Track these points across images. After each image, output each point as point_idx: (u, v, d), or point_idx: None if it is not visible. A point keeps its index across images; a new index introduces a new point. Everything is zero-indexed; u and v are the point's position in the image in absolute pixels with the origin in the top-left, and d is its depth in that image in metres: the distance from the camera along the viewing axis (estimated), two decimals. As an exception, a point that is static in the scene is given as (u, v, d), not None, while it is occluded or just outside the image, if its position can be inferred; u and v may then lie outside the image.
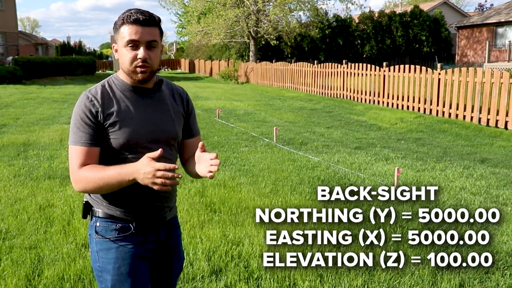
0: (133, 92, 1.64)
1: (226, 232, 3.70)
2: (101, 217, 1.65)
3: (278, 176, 5.37)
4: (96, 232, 1.65)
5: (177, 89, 1.79)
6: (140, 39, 1.56)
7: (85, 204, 1.69)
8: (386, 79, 12.63)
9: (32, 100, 14.04)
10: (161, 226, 1.72)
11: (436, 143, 8.10)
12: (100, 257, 1.64)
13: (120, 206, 1.64)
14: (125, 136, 1.58)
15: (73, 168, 1.56)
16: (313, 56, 30.13)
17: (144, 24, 1.56)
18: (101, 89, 1.62)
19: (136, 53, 1.56)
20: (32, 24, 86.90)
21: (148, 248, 1.68)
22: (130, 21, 1.56)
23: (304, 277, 2.98)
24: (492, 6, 44.45)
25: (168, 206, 1.74)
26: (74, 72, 27.30)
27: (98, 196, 1.65)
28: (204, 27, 27.03)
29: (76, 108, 1.59)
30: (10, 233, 3.68)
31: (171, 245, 1.78)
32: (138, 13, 1.57)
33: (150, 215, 1.68)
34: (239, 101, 14.29)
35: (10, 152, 6.64)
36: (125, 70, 1.61)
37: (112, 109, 1.58)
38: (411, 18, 31.78)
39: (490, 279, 3.00)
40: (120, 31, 1.58)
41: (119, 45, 1.60)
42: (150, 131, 1.62)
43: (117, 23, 1.60)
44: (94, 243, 1.65)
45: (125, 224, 1.64)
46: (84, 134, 1.55)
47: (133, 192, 1.61)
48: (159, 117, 1.66)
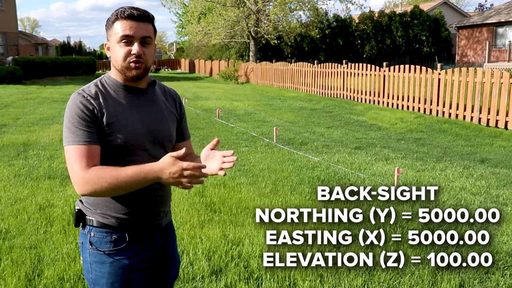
0: (127, 92, 1.58)
1: (226, 232, 3.70)
2: (95, 226, 1.58)
3: (278, 176, 5.37)
4: (90, 243, 1.58)
5: (169, 91, 1.75)
6: (134, 34, 1.51)
7: (77, 212, 1.61)
8: (386, 79, 12.63)
9: (32, 100, 14.04)
10: (157, 233, 1.67)
11: (436, 143, 8.09)
12: (94, 269, 1.58)
13: (115, 214, 1.57)
14: (123, 137, 1.52)
15: (78, 170, 1.46)
16: (313, 56, 30.13)
17: (139, 20, 1.52)
18: (95, 88, 1.55)
19: (130, 48, 1.52)
20: (32, 24, 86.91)
21: (144, 257, 1.62)
22: (124, 16, 1.51)
23: (304, 277, 2.98)
24: (492, 6, 44.44)
25: (164, 211, 1.69)
26: (74, 72, 27.31)
27: (91, 204, 1.59)
28: (204, 27, 27.04)
29: (70, 107, 1.51)
30: (10, 233, 3.68)
31: (167, 250, 1.73)
32: (132, 9, 1.53)
33: (146, 222, 1.62)
34: (239, 101, 14.29)
35: (10, 152, 6.64)
36: (118, 67, 1.55)
37: (107, 109, 1.51)
38: (411, 18, 31.79)
39: (490, 279, 3.00)
40: (113, 27, 1.53)
41: (111, 41, 1.55)
42: (147, 132, 1.57)
43: (110, 19, 1.55)
44: (88, 253, 1.59)
45: (120, 235, 1.58)
46: (84, 132, 1.47)
47: (128, 199, 1.56)
48: (154, 118, 1.61)
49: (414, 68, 11.59)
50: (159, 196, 1.65)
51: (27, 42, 39.97)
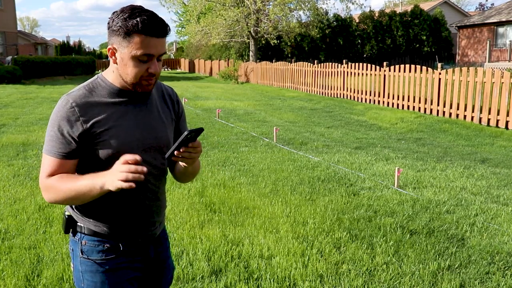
0: (121, 97, 1.47)
1: (226, 232, 3.69)
2: (87, 234, 1.52)
3: (278, 176, 5.35)
4: (81, 251, 1.52)
5: (166, 90, 1.63)
6: (155, 53, 1.39)
7: (68, 218, 1.55)
8: (387, 79, 12.62)
9: (32, 100, 14.03)
10: (150, 243, 1.62)
11: (436, 143, 8.08)
12: (85, 279, 1.53)
13: (107, 222, 1.51)
14: (115, 145, 1.42)
15: (41, 177, 1.42)
16: (313, 55, 30.14)
17: (160, 36, 1.39)
18: (85, 93, 1.44)
19: (147, 66, 1.40)
20: (31, 23, 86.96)
21: (136, 266, 1.57)
22: (147, 31, 1.36)
23: (304, 277, 2.97)
24: (493, 5, 44.43)
25: (158, 220, 1.63)
26: (73, 71, 27.32)
27: (82, 210, 1.52)
28: (204, 27, 27.03)
29: (54, 114, 1.42)
30: (9, 233, 3.67)
31: (161, 259, 1.68)
32: (154, 22, 1.36)
33: (140, 232, 1.56)
34: (239, 101, 14.28)
35: (9, 152, 6.63)
36: (127, 81, 1.43)
37: (97, 116, 1.42)
38: (412, 17, 31.80)
39: (491, 279, 2.98)
40: (130, 39, 1.36)
41: (124, 52, 1.39)
42: (141, 139, 1.48)
43: (125, 26, 1.36)
44: (79, 262, 1.53)
45: (112, 243, 1.52)
46: (58, 145, 1.40)
47: (122, 208, 1.51)
48: (150, 123, 1.51)
49: (414, 67, 11.58)
50: (155, 207, 1.59)
51: (26, 41, 39.97)
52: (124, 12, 1.38)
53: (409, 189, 4.91)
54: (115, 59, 1.43)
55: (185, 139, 1.35)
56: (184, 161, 1.44)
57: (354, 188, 4.92)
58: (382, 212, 4.18)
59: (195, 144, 1.39)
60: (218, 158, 6.25)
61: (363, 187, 4.95)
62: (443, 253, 3.34)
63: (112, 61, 1.45)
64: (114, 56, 1.43)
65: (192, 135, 1.36)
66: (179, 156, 1.39)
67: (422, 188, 4.95)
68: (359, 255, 3.28)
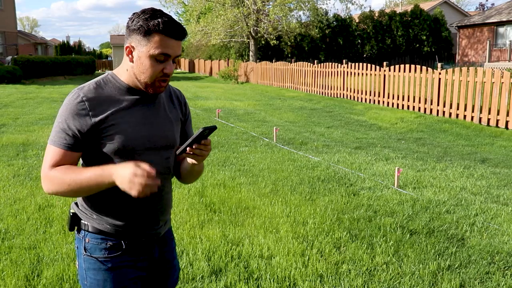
0: (131, 94, 1.50)
1: (226, 232, 3.69)
2: (90, 231, 1.52)
3: (278, 176, 5.35)
4: (85, 248, 1.53)
5: (174, 91, 1.66)
6: (172, 54, 1.44)
7: (72, 216, 1.56)
8: (387, 79, 12.62)
9: (32, 99, 14.03)
10: (155, 242, 1.61)
11: (436, 143, 8.08)
12: (89, 277, 1.53)
13: (112, 221, 1.51)
14: (120, 141, 1.45)
15: (44, 168, 1.44)
16: (313, 55, 30.13)
17: (179, 38, 1.45)
18: (95, 88, 1.47)
19: (163, 66, 1.44)
20: (31, 23, 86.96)
21: (140, 266, 1.57)
22: (168, 32, 1.41)
23: (304, 277, 2.97)
24: (493, 5, 44.42)
25: (163, 219, 1.63)
26: (73, 71, 27.33)
27: (87, 208, 1.54)
28: (204, 27, 27.02)
29: (64, 106, 1.45)
30: (9, 233, 3.66)
31: (166, 260, 1.68)
32: (175, 24, 1.42)
33: (144, 231, 1.56)
34: (239, 101, 14.28)
35: (9, 152, 6.63)
36: (141, 80, 1.47)
37: (106, 111, 1.44)
38: (412, 17, 31.79)
39: (491, 279, 2.98)
40: (150, 38, 1.41)
41: (142, 51, 1.43)
42: (147, 136, 1.50)
43: (145, 25, 1.41)
44: (82, 259, 1.54)
45: (116, 241, 1.52)
46: (66, 137, 1.43)
47: (126, 206, 1.50)
48: (157, 122, 1.54)
49: (414, 67, 11.58)
50: (159, 205, 1.59)
51: (26, 41, 39.96)
52: (145, 13, 1.43)
53: (409, 189, 4.91)
54: (131, 57, 1.46)
55: (200, 136, 1.37)
56: (194, 158, 1.47)
57: (354, 188, 4.92)
58: (382, 212, 4.18)
59: (206, 141, 1.42)
60: (218, 158, 6.25)
61: (363, 187, 4.95)
62: (443, 253, 3.34)
63: (129, 60, 1.48)
64: (131, 55, 1.47)
65: (207, 132, 1.38)
66: (190, 153, 1.42)
67: (422, 188, 4.95)
68: (359, 255, 3.28)
